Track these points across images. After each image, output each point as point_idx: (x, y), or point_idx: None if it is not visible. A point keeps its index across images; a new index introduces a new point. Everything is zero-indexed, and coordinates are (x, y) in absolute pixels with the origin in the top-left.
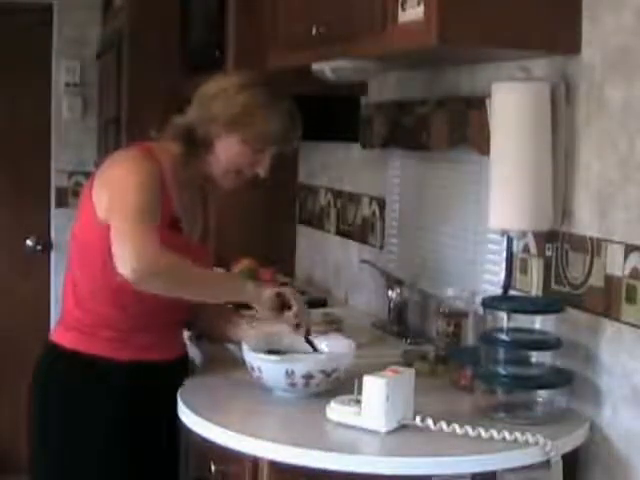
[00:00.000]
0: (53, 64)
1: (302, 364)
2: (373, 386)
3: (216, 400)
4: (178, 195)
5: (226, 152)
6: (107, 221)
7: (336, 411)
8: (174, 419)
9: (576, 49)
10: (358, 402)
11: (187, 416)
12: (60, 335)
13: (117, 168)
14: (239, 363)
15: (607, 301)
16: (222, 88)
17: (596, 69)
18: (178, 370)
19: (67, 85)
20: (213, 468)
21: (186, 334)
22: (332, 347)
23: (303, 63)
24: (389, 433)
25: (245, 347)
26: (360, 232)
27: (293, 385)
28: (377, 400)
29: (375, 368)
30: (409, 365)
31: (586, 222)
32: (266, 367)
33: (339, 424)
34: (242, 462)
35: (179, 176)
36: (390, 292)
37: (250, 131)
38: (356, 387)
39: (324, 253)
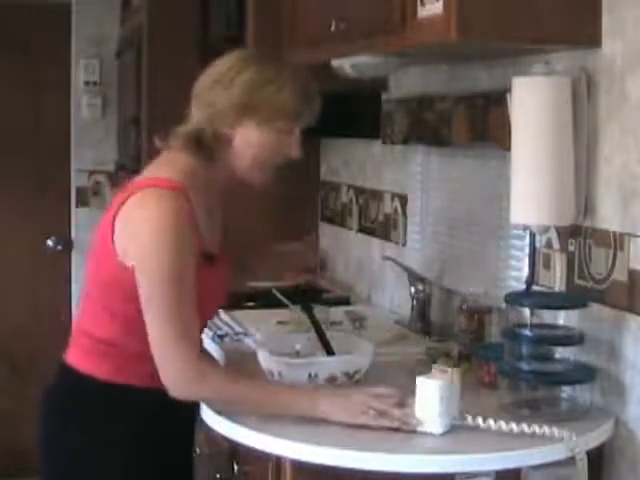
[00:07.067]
0: (72, 63)
1: (325, 366)
2: (427, 388)
3: None
4: (205, 221)
5: (246, 144)
6: (133, 270)
7: None
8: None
9: (597, 43)
10: None
11: (210, 416)
12: (74, 357)
13: (144, 223)
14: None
15: (631, 296)
16: (216, 77)
17: (617, 62)
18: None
19: (86, 84)
20: (236, 468)
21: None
22: (350, 348)
23: (322, 59)
24: None
25: (263, 353)
26: (382, 229)
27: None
28: (431, 402)
29: (398, 366)
30: (433, 362)
31: (609, 216)
32: (288, 371)
33: None
34: (265, 462)
35: (204, 198)
36: (413, 289)
37: (263, 111)
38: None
39: (346, 250)
